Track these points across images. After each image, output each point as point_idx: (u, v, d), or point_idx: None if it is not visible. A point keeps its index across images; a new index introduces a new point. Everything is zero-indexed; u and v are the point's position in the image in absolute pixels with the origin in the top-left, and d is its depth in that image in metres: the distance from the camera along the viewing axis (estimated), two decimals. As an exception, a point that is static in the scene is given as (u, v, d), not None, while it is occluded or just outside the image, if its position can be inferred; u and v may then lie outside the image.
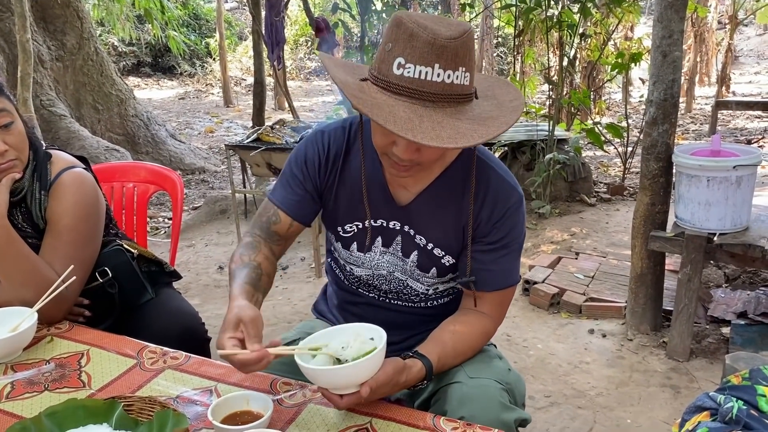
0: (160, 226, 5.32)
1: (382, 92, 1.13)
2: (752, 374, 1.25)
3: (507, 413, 1.23)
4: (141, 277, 1.78)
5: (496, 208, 1.33)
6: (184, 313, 1.82)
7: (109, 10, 9.72)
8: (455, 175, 1.36)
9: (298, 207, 1.45)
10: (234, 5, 20.11)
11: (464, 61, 1.12)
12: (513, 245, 1.37)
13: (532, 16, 5.49)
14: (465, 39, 1.12)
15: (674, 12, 2.83)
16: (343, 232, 1.46)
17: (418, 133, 1.07)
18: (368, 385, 1.13)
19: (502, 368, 1.36)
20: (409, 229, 1.39)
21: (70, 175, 1.63)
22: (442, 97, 1.12)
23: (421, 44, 1.09)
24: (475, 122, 1.14)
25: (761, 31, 17.95)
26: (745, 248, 2.71)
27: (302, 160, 1.44)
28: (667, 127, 2.94)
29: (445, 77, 1.11)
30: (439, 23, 1.13)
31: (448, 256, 1.39)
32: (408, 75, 1.10)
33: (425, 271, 1.42)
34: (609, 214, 5.07)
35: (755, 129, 8.84)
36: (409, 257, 1.41)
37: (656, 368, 2.85)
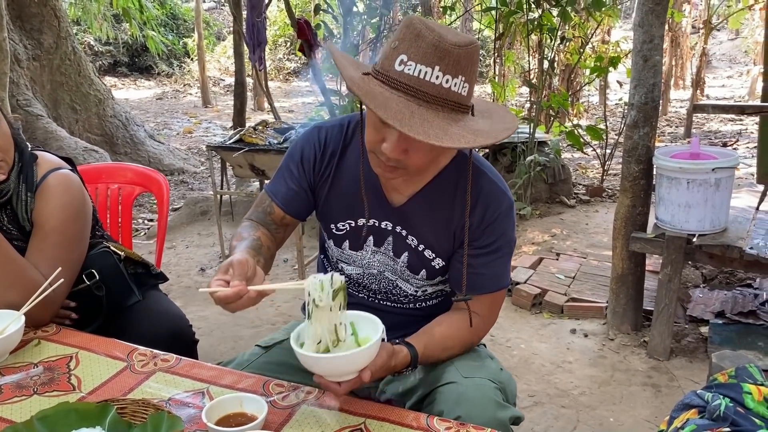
0: (140, 228, 5.26)
1: (381, 85, 1.15)
2: (738, 372, 1.28)
3: (502, 412, 1.25)
4: (128, 280, 1.77)
5: (487, 212, 1.34)
6: (171, 315, 1.81)
7: (86, 9, 9.60)
8: (448, 179, 1.37)
9: (291, 201, 1.47)
10: (212, 5, 19.97)
11: (465, 71, 1.15)
12: (504, 249, 1.38)
13: (513, 20, 5.53)
14: (470, 49, 1.14)
15: (655, 17, 2.88)
16: (336, 230, 1.47)
17: (406, 124, 1.09)
18: (369, 370, 1.15)
19: (494, 368, 1.38)
20: (401, 230, 1.41)
21: (56, 177, 1.61)
22: (438, 99, 1.14)
23: (425, 45, 1.12)
24: (464, 129, 1.16)
25: (733, 35, 18.27)
26: (724, 249, 2.76)
27: (299, 156, 1.46)
28: (647, 130, 2.98)
29: (443, 81, 1.13)
30: (449, 31, 1.16)
31: (438, 258, 1.41)
32: (408, 72, 1.13)
33: (415, 273, 1.43)
34: (588, 215, 5.13)
35: (729, 132, 9.00)
36: (399, 257, 1.43)
37: (637, 367, 2.89)
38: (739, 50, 17.93)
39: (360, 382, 1.16)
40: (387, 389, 1.45)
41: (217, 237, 4.41)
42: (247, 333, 3.31)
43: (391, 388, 1.44)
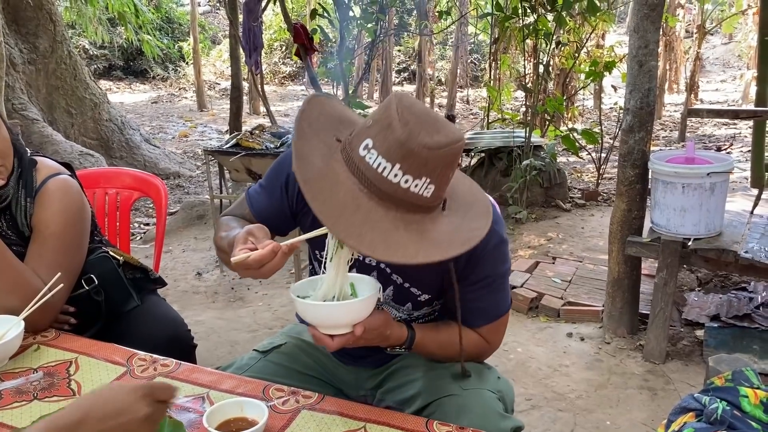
0: (136, 232, 5.26)
1: (342, 164, 1.09)
2: (735, 376, 1.29)
3: (504, 422, 1.25)
4: (127, 285, 1.77)
5: (474, 251, 1.22)
6: (170, 320, 1.81)
7: (81, 13, 9.58)
8: None
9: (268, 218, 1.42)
10: (207, 9, 19.98)
11: (432, 173, 1.05)
12: (497, 281, 1.34)
13: (508, 25, 5.56)
14: (443, 152, 1.04)
15: (650, 23, 2.90)
16: (320, 256, 1.42)
17: (340, 223, 1.02)
18: (362, 325, 1.14)
19: (493, 377, 1.38)
20: (385, 267, 1.36)
21: (56, 182, 1.61)
22: (392, 198, 1.05)
23: (392, 138, 1.03)
24: (414, 235, 1.07)
25: (726, 40, 18.38)
26: (719, 253, 2.78)
27: (284, 179, 1.42)
28: (643, 135, 3.00)
29: (402, 181, 1.04)
30: (429, 126, 1.05)
31: (425, 294, 1.37)
32: (368, 161, 1.04)
33: (400, 304, 1.40)
34: (584, 219, 5.15)
35: (722, 136, 9.05)
36: (384, 291, 1.38)
37: (633, 371, 2.90)
38: (732, 54, 18.04)
39: (353, 339, 1.14)
40: (385, 398, 1.44)
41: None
42: (243, 337, 3.31)
43: (389, 396, 1.44)
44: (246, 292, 3.95)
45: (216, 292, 3.99)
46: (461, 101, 13.47)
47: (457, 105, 12.16)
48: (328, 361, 1.52)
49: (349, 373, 1.53)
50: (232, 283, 4.11)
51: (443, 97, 12.66)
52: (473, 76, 15.90)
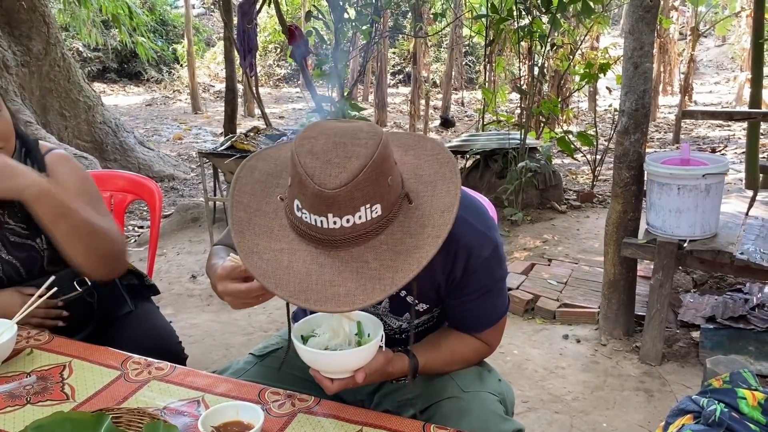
0: (130, 235, 5.23)
1: (290, 231, 1.09)
2: (732, 377, 1.28)
3: (505, 425, 1.25)
4: (121, 289, 1.76)
5: (470, 261, 1.26)
6: (161, 332, 1.80)
7: (74, 15, 9.55)
8: None
9: None
10: (201, 11, 19.94)
11: (366, 199, 1.03)
12: (496, 286, 1.33)
13: (503, 27, 5.57)
14: (362, 178, 1.01)
15: (645, 25, 2.90)
16: None
17: (312, 294, 1.02)
18: (363, 371, 1.15)
19: (494, 380, 1.37)
20: None
21: (54, 154, 1.66)
22: (345, 241, 1.05)
23: (310, 194, 1.02)
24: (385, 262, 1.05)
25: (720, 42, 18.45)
26: (715, 254, 2.78)
27: None
28: (638, 137, 3.00)
29: (343, 222, 1.03)
30: (335, 163, 1.01)
31: (422, 303, 1.36)
32: (306, 220, 1.05)
33: (398, 315, 1.39)
34: (579, 221, 5.15)
35: (717, 137, 9.08)
36: (380, 303, 1.37)
37: (630, 372, 2.90)
38: (726, 57, 18.12)
39: (353, 383, 1.16)
40: (383, 401, 1.44)
41: (209, 244, 4.39)
42: (238, 340, 3.30)
43: (387, 400, 1.43)
44: (241, 295, 3.93)
45: (211, 295, 3.97)
46: (456, 103, 13.48)
47: (452, 107, 12.17)
48: None
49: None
50: (227, 285, 4.09)
51: (438, 99, 12.67)
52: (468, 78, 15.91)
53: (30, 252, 1.62)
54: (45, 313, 1.59)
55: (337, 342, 1.19)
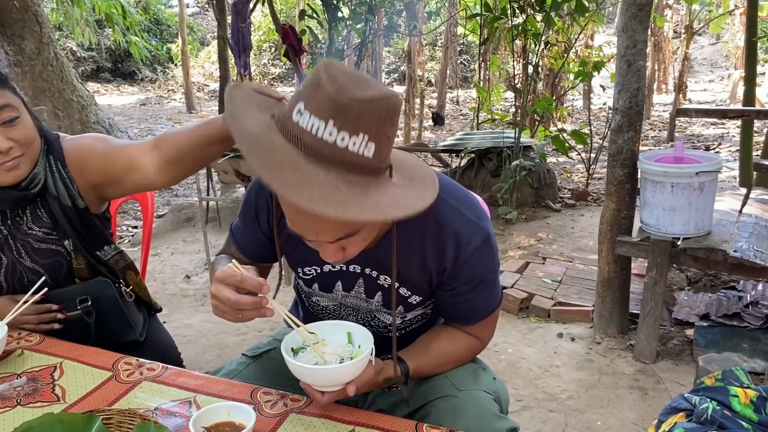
0: (123, 235, 5.22)
1: (278, 133, 1.02)
2: (725, 375, 1.28)
3: (500, 423, 1.24)
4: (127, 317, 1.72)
5: (460, 251, 1.24)
6: (162, 345, 1.79)
7: (67, 15, 9.50)
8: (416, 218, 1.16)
9: (258, 252, 1.44)
10: (196, 10, 19.92)
11: (368, 129, 0.98)
12: (489, 278, 1.31)
13: (497, 25, 5.57)
14: (377, 105, 0.97)
15: (638, 23, 2.90)
16: (303, 274, 1.41)
17: (278, 178, 0.95)
18: (354, 384, 1.15)
19: (488, 378, 1.37)
20: (371, 271, 1.32)
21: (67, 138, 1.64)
22: (332, 160, 0.98)
23: (322, 96, 0.96)
24: (355, 196, 0.99)
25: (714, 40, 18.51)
26: (708, 252, 2.78)
27: (253, 208, 1.39)
28: (632, 135, 3.01)
29: (338, 139, 0.97)
30: (359, 83, 0.98)
31: (415, 295, 1.34)
32: (302, 125, 0.98)
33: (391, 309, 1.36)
34: (574, 219, 5.16)
35: (711, 135, 9.10)
36: (373, 298, 1.36)
37: (624, 370, 2.90)
38: (720, 55, 18.18)
39: (344, 395, 1.16)
40: (377, 401, 1.43)
41: (203, 244, 4.38)
42: (232, 341, 3.29)
43: (381, 399, 1.43)
44: (235, 295, 3.92)
45: (205, 295, 3.96)
46: (451, 102, 13.48)
47: (447, 106, 12.18)
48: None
49: None
50: (221, 285, 4.08)
51: (433, 98, 12.67)
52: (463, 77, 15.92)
53: (55, 258, 1.59)
54: (38, 319, 1.57)
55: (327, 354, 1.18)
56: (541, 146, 5.62)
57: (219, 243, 4.81)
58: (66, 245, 1.59)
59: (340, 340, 1.22)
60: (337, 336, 1.23)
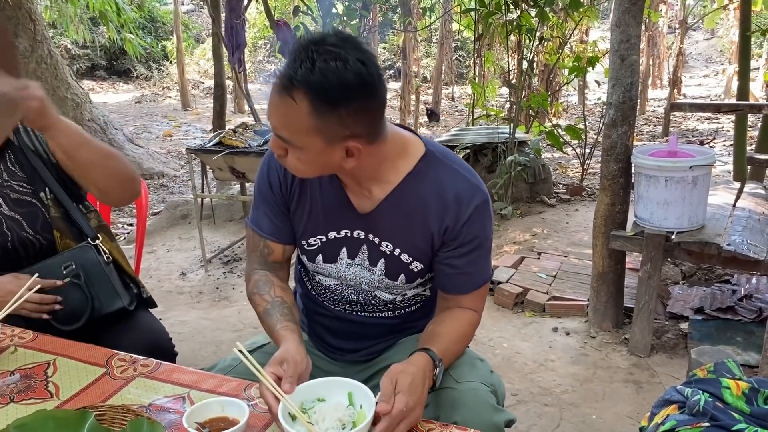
0: (119, 233, 5.21)
1: None
2: (717, 368, 1.29)
3: (498, 415, 1.25)
4: (111, 281, 1.73)
5: (461, 210, 1.30)
6: (152, 330, 1.80)
7: (61, 12, 9.46)
8: (415, 181, 1.32)
9: (284, 231, 1.46)
10: (191, 7, 19.83)
11: None
12: (485, 243, 1.37)
13: (492, 21, 5.56)
14: None
15: (631, 17, 2.90)
16: (307, 246, 1.44)
17: None
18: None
19: (486, 371, 1.38)
20: (374, 237, 1.37)
21: None
22: None
23: None
24: None
25: (709, 35, 18.52)
26: (702, 246, 2.79)
27: (267, 184, 1.44)
28: (625, 129, 3.01)
29: None
30: None
31: (417, 261, 1.38)
32: None
33: (393, 279, 1.40)
34: (569, 214, 5.17)
35: (706, 130, 9.12)
36: (376, 266, 1.39)
37: (619, 364, 2.91)
38: (714, 50, 18.19)
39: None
40: (375, 393, 1.44)
41: (198, 241, 4.38)
42: (228, 337, 3.29)
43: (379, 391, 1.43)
44: (231, 292, 3.92)
45: (201, 292, 3.96)
46: (447, 98, 13.48)
47: (442, 102, 12.17)
48: (315, 359, 1.51)
49: (337, 368, 1.53)
50: (216, 282, 4.09)
51: (428, 95, 12.67)
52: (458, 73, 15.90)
53: (31, 208, 1.69)
54: (36, 308, 1.59)
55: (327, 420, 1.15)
56: (536, 142, 5.62)
57: (214, 240, 4.81)
58: (41, 197, 1.70)
59: (340, 400, 1.19)
60: (337, 395, 1.20)
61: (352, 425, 1.14)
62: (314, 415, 1.17)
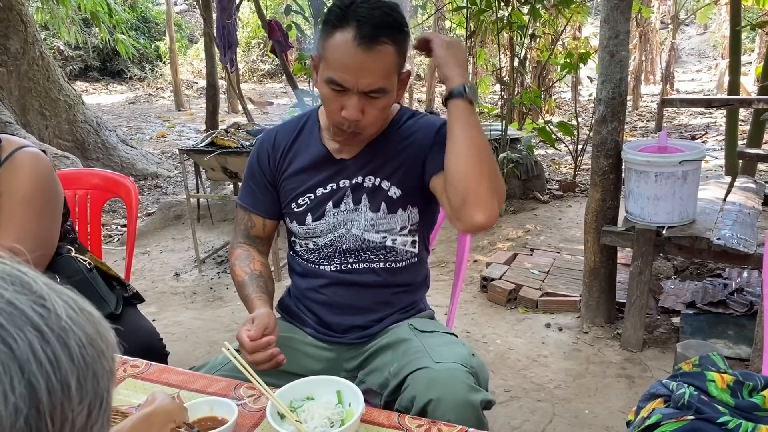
0: (113, 234, 5.21)
1: None
2: (702, 361, 1.30)
3: (473, 394, 1.26)
4: (97, 290, 1.73)
5: (432, 131, 1.49)
6: (143, 331, 1.79)
7: (53, 14, 9.44)
8: (393, 127, 1.53)
9: (266, 206, 1.60)
10: (184, 8, 19.79)
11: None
12: None
13: (483, 18, 5.57)
14: None
15: (620, 13, 2.92)
16: (297, 207, 1.53)
17: None
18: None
19: (465, 353, 1.38)
20: (356, 178, 1.49)
21: (25, 153, 1.60)
22: None
23: None
24: None
25: (701, 30, 18.57)
26: (692, 240, 2.81)
27: (255, 160, 1.59)
28: (615, 125, 3.02)
29: None
30: None
31: (394, 187, 1.49)
32: None
33: (376, 210, 1.49)
34: (562, 210, 5.18)
35: (698, 125, 9.15)
36: (359, 204, 1.50)
37: (611, 359, 2.93)
38: (708, 45, 18.25)
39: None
40: (366, 380, 1.46)
41: (192, 241, 4.38)
42: (222, 337, 3.29)
43: (370, 379, 1.45)
44: (225, 292, 3.92)
45: (194, 292, 3.97)
46: (440, 96, 13.47)
47: (436, 100, 12.17)
48: (307, 347, 1.53)
49: (329, 352, 1.54)
50: (210, 283, 4.09)
51: (422, 93, 12.66)
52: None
53: None
54: None
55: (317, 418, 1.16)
56: (528, 138, 5.63)
57: (208, 240, 4.81)
58: None
59: (329, 399, 1.21)
60: (326, 394, 1.22)
61: (340, 423, 1.15)
62: (303, 414, 1.18)
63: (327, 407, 1.19)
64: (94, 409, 0.50)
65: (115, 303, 1.77)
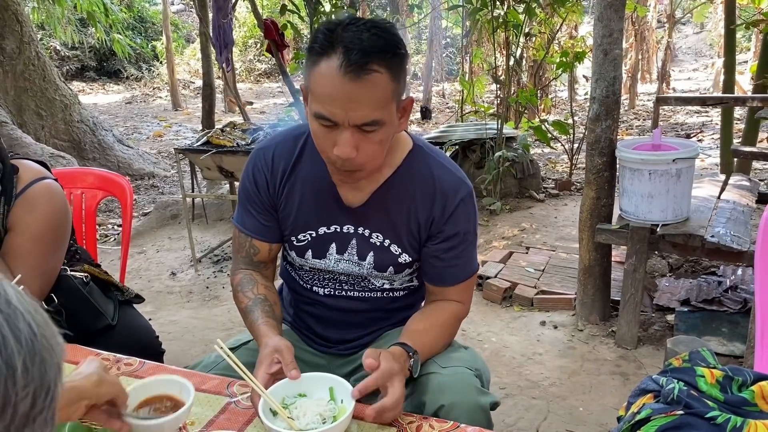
0: (109, 234, 5.21)
1: None
2: (692, 356, 1.31)
3: (483, 397, 1.27)
4: (95, 304, 1.73)
5: (448, 202, 1.35)
6: (140, 330, 1.80)
7: (49, 14, 9.43)
8: (405, 174, 1.37)
9: (270, 231, 1.46)
10: (180, 7, 19.78)
11: None
12: (470, 236, 1.40)
13: (479, 17, 5.57)
14: None
15: (614, 12, 2.93)
16: (297, 242, 1.45)
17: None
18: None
19: (470, 356, 1.39)
20: (363, 230, 1.39)
21: (41, 187, 1.57)
22: None
23: None
24: None
25: (698, 29, 18.59)
26: (686, 238, 2.82)
27: (252, 183, 1.44)
28: (609, 123, 3.03)
29: None
30: None
31: (405, 254, 1.41)
32: None
33: (382, 271, 1.43)
34: (557, 209, 5.19)
35: (694, 123, 9.17)
36: (365, 260, 1.41)
37: (606, 357, 2.94)
38: (704, 43, 18.28)
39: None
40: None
41: (188, 241, 4.38)
42: (218, 336, 3.28)
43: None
44: (221, 291, 3.93)
45: (191, 291, 3.97)
46: (437, 95, 13.49)
47: (433, 99, 12.18)
48: (301, 352, 1.52)
49: (322, 359, 1.54)
50: (206, 282, 4.09)
51: (419, 91, 12.68)
52: (449, 70, 15.93)
53: None
54: None
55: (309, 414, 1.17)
56: (524, 137, 5.65)
57: (204, 240, 4.81)
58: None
59: (321, 395, 1.21)
60: (318, 390, 1.22)
61: (332, 420, 1.16)
62: (295, 411, 1.18)
63: (319, 404, 1.19)
64: (38, 397, 0.49)
65: (112, 313, 1.76)
